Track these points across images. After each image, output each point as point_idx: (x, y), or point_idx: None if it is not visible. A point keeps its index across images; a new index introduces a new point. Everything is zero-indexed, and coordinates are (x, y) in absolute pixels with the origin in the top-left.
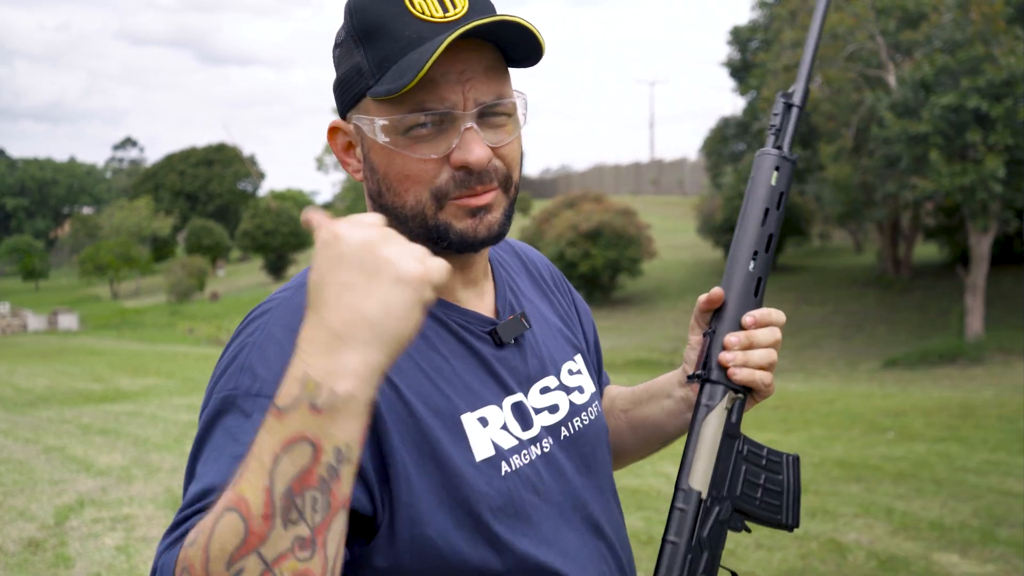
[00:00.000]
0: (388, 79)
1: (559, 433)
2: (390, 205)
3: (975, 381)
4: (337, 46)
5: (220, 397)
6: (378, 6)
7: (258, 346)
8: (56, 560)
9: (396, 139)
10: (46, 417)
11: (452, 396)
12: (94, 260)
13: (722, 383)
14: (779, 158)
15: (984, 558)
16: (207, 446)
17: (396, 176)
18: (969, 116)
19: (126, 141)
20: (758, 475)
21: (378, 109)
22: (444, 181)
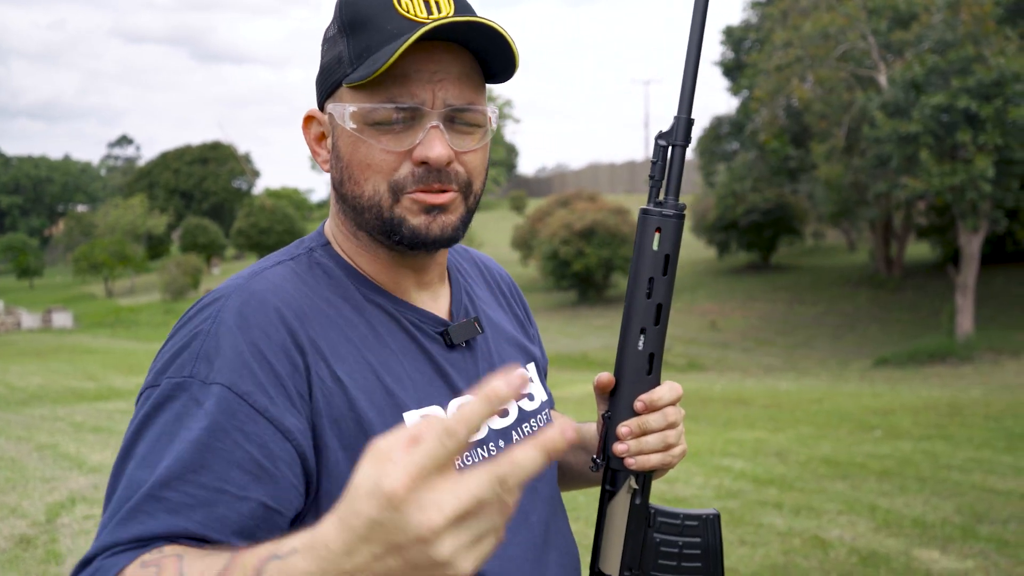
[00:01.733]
0: (363, 68)
1: (510, 437)
2: (349, 194)
3: (964, 380)
4: (325, 40)
5: (173, 382)
6: (367, 1)
7: (212, 335)
8: (47, 556)
9: (363, 128)
10: (39, 415)
11: (397, 392)
12: (89, 258)
13: (621, 470)
14: (660, 218)
15: (964, 554)
16: (152, 427)
17: (358, 164)
18: (959, 116)
19: (121, 139)
20: (675, 543)
21: (351, 97)
22: (403, 175)
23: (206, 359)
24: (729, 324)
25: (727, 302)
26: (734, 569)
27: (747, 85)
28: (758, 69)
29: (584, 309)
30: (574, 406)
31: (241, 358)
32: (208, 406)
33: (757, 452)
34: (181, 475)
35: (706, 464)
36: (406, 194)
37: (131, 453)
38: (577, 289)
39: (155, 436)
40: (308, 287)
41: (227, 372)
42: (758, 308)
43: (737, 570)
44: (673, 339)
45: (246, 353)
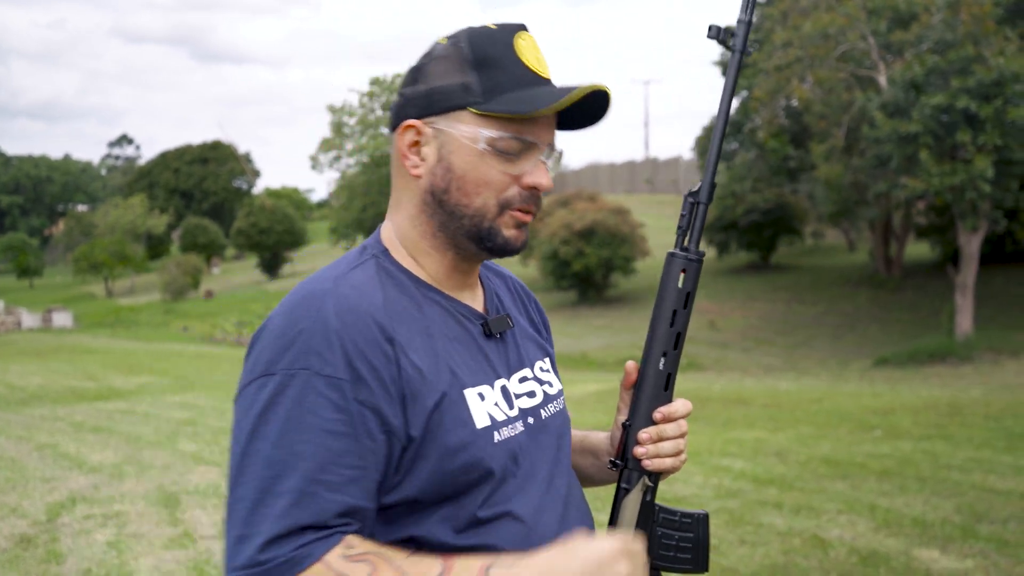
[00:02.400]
0: (506, 103)
1: (538, 415)
2: (452, 201)
3: (964, 380)
4: (435, 59)
5: (290, 373)
6: (493, 43)
7: (319, 333)
8: (47, 556)
9: (490, 151)
10: (39, 415)
11: (458, 373)
12: (89, 258)
13: (636, 471)
14: (685, 260)
15: (964, 554)
16: (278, 412)
17: (474, 179)
18: (959, 116)
19: (122, 138)
20: (673, 536)
21: (479, 122)
22: (512, 195)
23: (317, 353)
24: (729, 324)
25: (727, 302)
26: (734, 569)
27: (747, 85)
28: (758, 69)
29: (584, 309)
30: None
31: (348, 356)
32: (334, 398)
33: (757, 452)
34: (333, 460)
35: (705, 464)
36: (510, 210)
37: (261, 435)
38: (577, 289)
39: (286, 421)
40: (385, 288)
41: (342, 369)
42: (758, 308)
43: (737, 570)
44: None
45: (351, 351)
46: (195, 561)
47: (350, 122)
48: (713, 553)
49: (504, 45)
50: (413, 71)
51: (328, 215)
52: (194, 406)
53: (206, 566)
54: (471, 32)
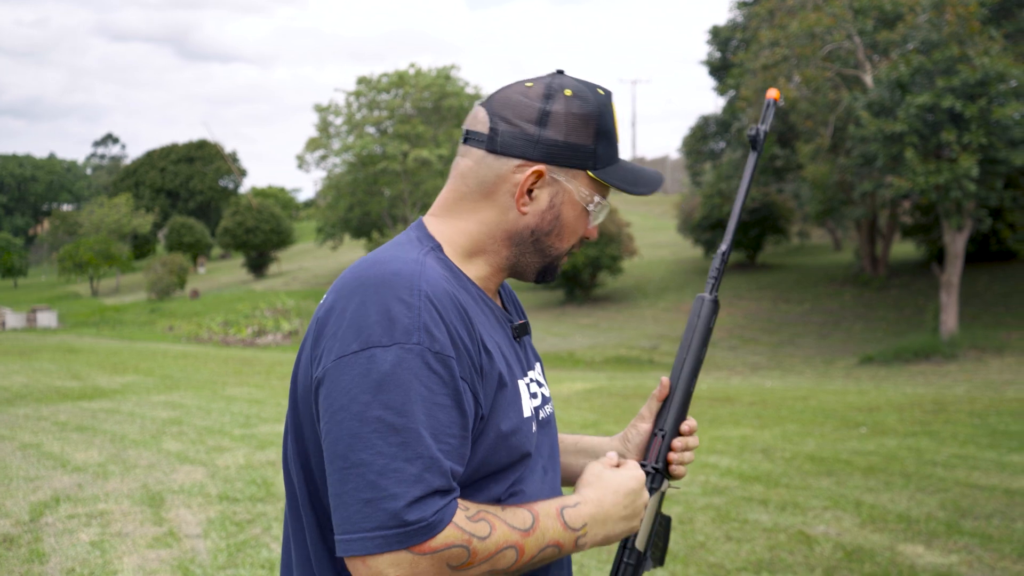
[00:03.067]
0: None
1: (543, 413)
2: (548, 243)
3: (948, 377)
4: (569, 115)
5: (405, 347)
6: (611, 119)
7: (424, 309)
8: (30, 556)
9: (595, 211)
10: (22, 414)
11: (512, 364)
12: (74, 257)
13: (665, 475)
14: (712, 303)
15: (948, 549)
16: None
17: (570, 228)
18: (944, 116)
19: (107, 138)
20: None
21: (595, 187)
22: (576, 242)
23: (427, 330)
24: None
25: None
26: (720, 564)
27: (734, 85)
28: (745, 68)
29: (571, 308)
30: (561, 404)
31: (451, 335)
32: (443, 374)
33: (743, 449)
34: (444, 430)
35: (693, 461)
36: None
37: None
38: (564, 288)
39: (406, 393)
40: (454, 281)
41: (449, 347)
42: (744, 307)
43: (723, 565)
44: (659, 338)
45: (453, 331)
46: (180, 560)
47: (336, 121)
48: (699, 549)
49: (614, 118)
50: (543, 114)
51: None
52: (179, 405)
53: (191, 565)
54: (595, 99)
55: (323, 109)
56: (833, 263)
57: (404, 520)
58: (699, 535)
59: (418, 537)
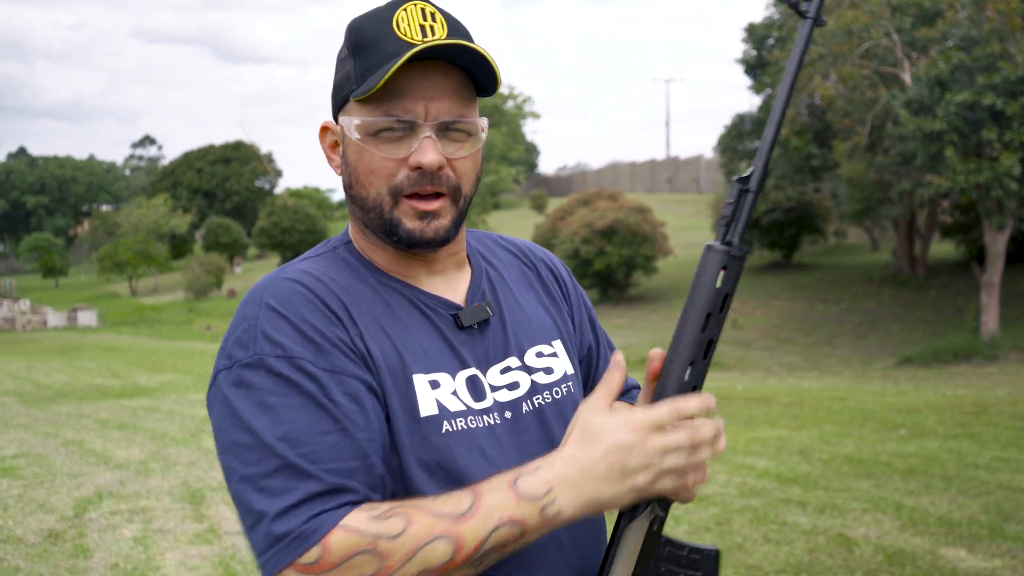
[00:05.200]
0: (365, 84)
1: (519, 408)
2: (357, 196)
3: (989, 379)
4: (338, 60)
5: (243, 363)
6: (371, 26)
7: (265, 318)
8: (75, 551)
9: (366, 138)
10: (65, 412)
11: (407, 358)
12: (113, 257)
13: None
14: (727, 257)
15: (991, 553)
16: (248, 403)
17: (364, 170)
18: (984, 114)
19: (144, 139)
20: (677, 573)
21: (357, 111)
22: (401, 179)
23: (267, 339)
24: (751, 323)
25: (748, 301)
26: (758, 566)
27: (769, 83)
28: (780, 67)
29: (605, 308)
30: None
31: (299, 333)
32: (290, 375)
33: (780, 450)
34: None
35: (729, 462)
36: (403, 198)
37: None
38: (598, 288)
39: (253, 408)
40: (329, 276)
41: (293, 346)
42: (780, 307)
43: (762, 568)
44: None
45: (300, 327)
46: (220, 556)
47: None
48: (738, 551)
49: (382, 22)
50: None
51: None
52: None
53: (231, 562)
54: (356, 18)
55: None
56: (870, 263)
57: (275, 535)
58: (737, 536)
59: (294, 550)
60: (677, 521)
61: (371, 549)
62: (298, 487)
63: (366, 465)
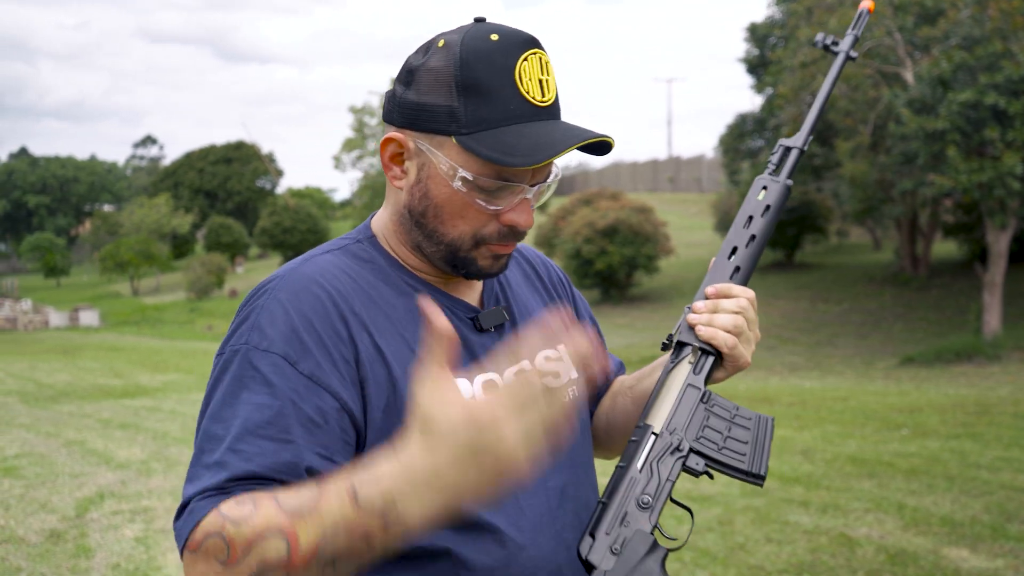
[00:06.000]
0: (488, 144)
1: None
2: (431, 228)
3: (992, 379)
4: (427, 69)
5: (232, 350)
6: (488, 70)
7: (267, 309)
8: (77, 551)
9: (464, 183)
10: (67, 412)
11: None
12: (115, 257)
13: (688, 343)
14: (769, 179)
15: (994, 553)
16: (220, 388)
17: (450, 212)
18: (987, 113)
19: (146, 139)
20: (723, 427)
21: (460, 157)
22: (490, 232)
23: (259, 329)
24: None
25: None
26: (760, 566)
27: (771, 82)
28: (783, 66)
29: (607, 308)
30: None
31: (293, 330)
32: (265, 371)
33: (782, 450)
34: (252, 430)
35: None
36: (486, 245)
37: (206, 411)
38: (600, 288)
39: (223, 396)
40: (353, 271)
41: (280, 343)
42: (782, 306)
43: (763, 567)
44: None
45: (297, 325)
46: None
47: (371, 122)
48: (740, 551)
49: (503, 70)
50: (408, 70)
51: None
52: None
53: None
54: (466, 45)
55: (358, 111)
56: (872, 262)
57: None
58: (739, 536)
59: (185, 530)
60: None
61: (221, 532)
62: (210, 479)
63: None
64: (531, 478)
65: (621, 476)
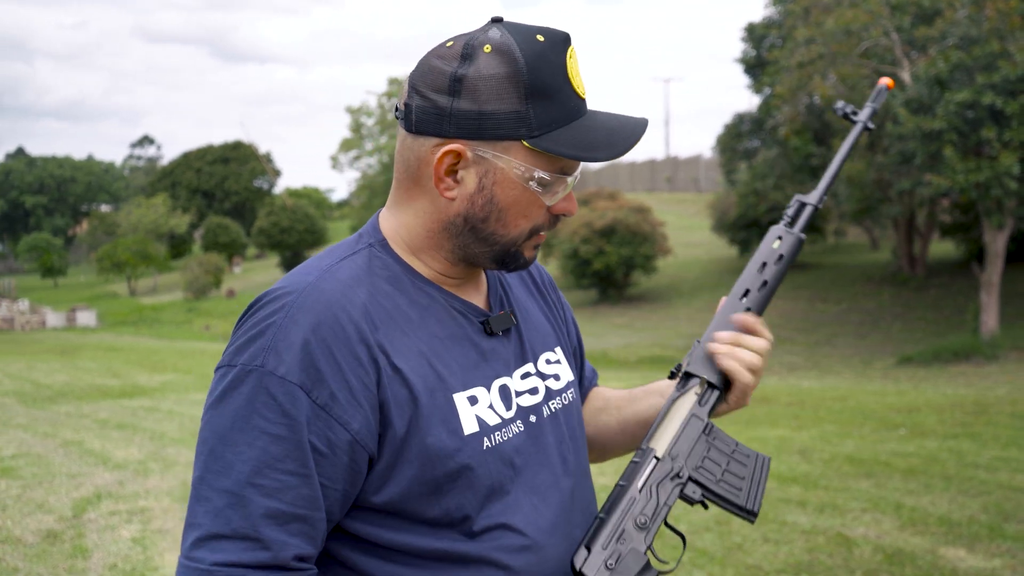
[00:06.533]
0: (564, 143)
1: (540, 413)
2: (489, 231)
3: (989, 379)
4: (485, 77)
5: (246, 369)
6: (551, 72)
7: (284, 328)
8: (74, 551)
9: (543, 189)
10: (64, 412)
11: (447, 377)
12: (112, 257)
13: (697, 375)
14: (783, 230)
15: (991, 552)
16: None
17: (515, 211)
18: (984, 113)
19: (144, 139)
20: (723, 460)
21: (531, 158)
22: (541, 222)
23: (276, 352)
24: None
25: None
26: (758, 566)
27: (769, 82)
28: (780, 66)
29: (604, 308)
30: None
31: (310, 357)
32: (281, 400)
33: (780, 450)
34: (270, 464)
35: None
36: (536, 236)
37: (212, 426)
38: (597, 288)
39: (235, 417)
40: (370, 284)
41: (297, 371)
42: (780, 306)
43: (761, 567)
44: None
45: (315, 352)
46: None
47: (368, 123)
48: (737, 551)
49: (558, 69)
50: (453, 79)
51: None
52: None
53: None
54: (525, 49)
55: (355, 111)
56: (870, 262)
57: (188, 556)
58: (736, 536)
59: None
60: (677, 521)
61: None
62: (231, 515)
63: (306, 515)
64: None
65: (621, 494)
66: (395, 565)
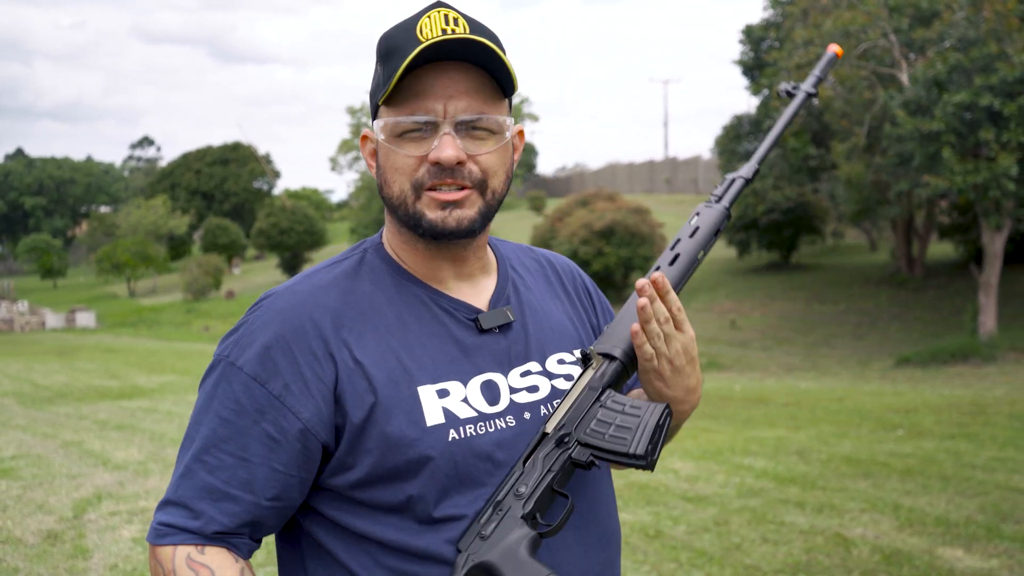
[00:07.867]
0: (386, 80)
1: (538, 410)
2: (386, 195)
3: (987, 380)
4: (375, 71)
5: (218, 359)
6: (397, 33)
7: (253, 325)
8: (74, 552)
9: (392, 139)
10: (64, 413)
11: (414, 371)
12: (111, 258)
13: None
14: (702, 206)
15: (988, 553)
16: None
17: (389, 169)
18: (982, 114)
19: (143, 140)
20: (612, 417)
21: (385, 114)
22: (421, 175)
23: (241, 346)
24: (749, 323)
25: (746, 301)
26: (756, 566)
27: (767, 84)
28: (778, 68)
29: None
30: None
31: (268, 352)
32: (236, 388)
33: (778, 451)
34: (216, 444)
35: (727, 462)
36: (425, 191)
37: (194, 407)
38: None
39: (205, 399)
40: (348, 286)
41: (254, 363)
42: (778, 307)
43: (759, 567)
44: None
45: (274, 347)
46: None
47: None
48: (735, 551)
49: (408, 29)
50: None
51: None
52: None
53: None
54: (388, 28)
55: (355, 111)
56: (868, 263)
57: (155, 516)
58: (735, 537)
59: (151, 537)
60: (675, 522)
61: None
62: (182, 485)
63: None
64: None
65: (508, 474)
66: (359, 551)
